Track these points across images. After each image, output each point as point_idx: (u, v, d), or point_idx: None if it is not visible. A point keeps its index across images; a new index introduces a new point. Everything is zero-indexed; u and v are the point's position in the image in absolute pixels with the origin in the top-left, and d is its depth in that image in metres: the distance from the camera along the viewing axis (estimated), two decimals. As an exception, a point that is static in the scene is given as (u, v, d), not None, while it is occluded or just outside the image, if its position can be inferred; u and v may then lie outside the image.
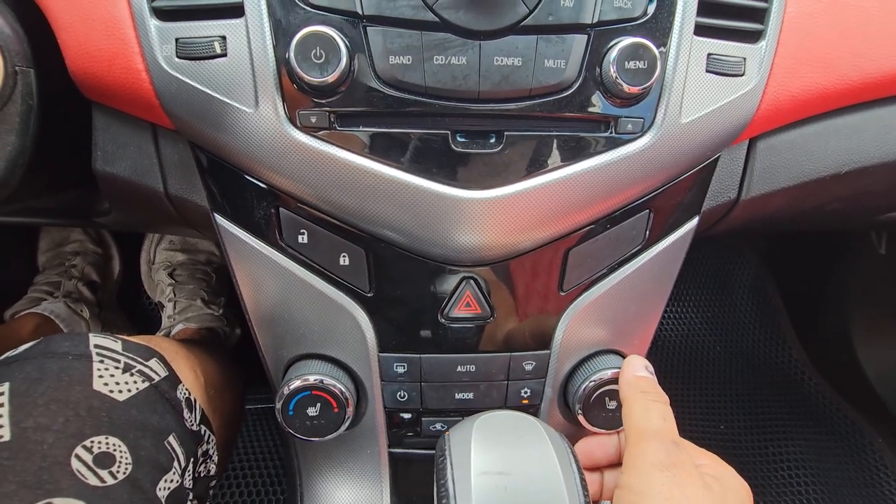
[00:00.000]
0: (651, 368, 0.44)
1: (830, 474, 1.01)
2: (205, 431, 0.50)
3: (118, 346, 0.44)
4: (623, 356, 0.49)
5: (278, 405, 0.44)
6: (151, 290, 1.14)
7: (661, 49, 0.37)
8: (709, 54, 0.39)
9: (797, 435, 1.07)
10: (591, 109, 0.38)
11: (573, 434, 0.52)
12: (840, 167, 0.48)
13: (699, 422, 1.08)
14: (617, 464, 0.46)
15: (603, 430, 0.48)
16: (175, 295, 1.08)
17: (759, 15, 0.40)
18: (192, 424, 0.47)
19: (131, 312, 1.19)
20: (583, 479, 0.28)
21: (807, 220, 0.61)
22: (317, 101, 0.36)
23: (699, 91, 0.39)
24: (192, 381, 0.50)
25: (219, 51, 0.36)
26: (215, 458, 0.52)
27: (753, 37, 0.40)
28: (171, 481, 0.42)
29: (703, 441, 1.04)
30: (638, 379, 0.42)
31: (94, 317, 1.08)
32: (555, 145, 0.38)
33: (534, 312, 0.45)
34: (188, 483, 0.45)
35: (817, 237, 1.16)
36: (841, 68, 0.43)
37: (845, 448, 1.05)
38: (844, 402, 1.12)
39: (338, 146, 0.37)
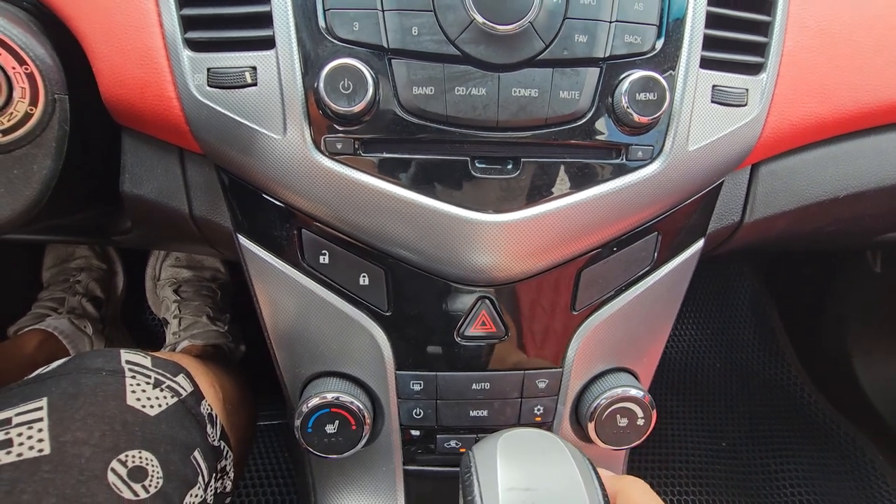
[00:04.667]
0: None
1: (832, 492, 1.01)
2: (224, 447, 0.50)
3: (148, 361, 0.45)
4: (633, 374, 0.50)
5: (297, 422, 0.44)
6: (156, 306, 1.14)
7: (670, 81, 0.39)
8: (714, 86, 0.41)
9: (799, 452, 1.07)
10: (603, 138, 0.40)
11: (585, 452, 0.53)
12: (838, 192, 0.50)
13: (702, 438, 1.09)
14: None
15: (613, 447, 0.49)
16: (180, 311, 1.08)
17: (760, 49, 0.43)
18: (214, 440, 0.48)
19: (134, 328, 1.18)
20: (605, 496, 0.29)
21: (807, 241, 0.63)
22: (342, 128, 0.38)
23: (705, 120, 0.41)
24: (212, 397, 0.51)
25: (249, 80, 0.38)
26: (231, 474, 0.53)
27: (755, 69, 0.43)
28: (196, 496, 0.42)
29: (706, 457, 1.05)
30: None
31: (98, 333, 1.08)
32: (569, 171, 0.40)
33: (547, 331, 0.46)
34: (210, 499, 0.46)
35: (814, 255, 1.18)
36: (837, 98, 0.45)
37: (846, 466, 1.06)
38: (844, 419, 1.13)
39: (361, 171, 0.39)
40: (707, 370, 1.20)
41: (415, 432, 0.49)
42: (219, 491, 0.50)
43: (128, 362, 0.43)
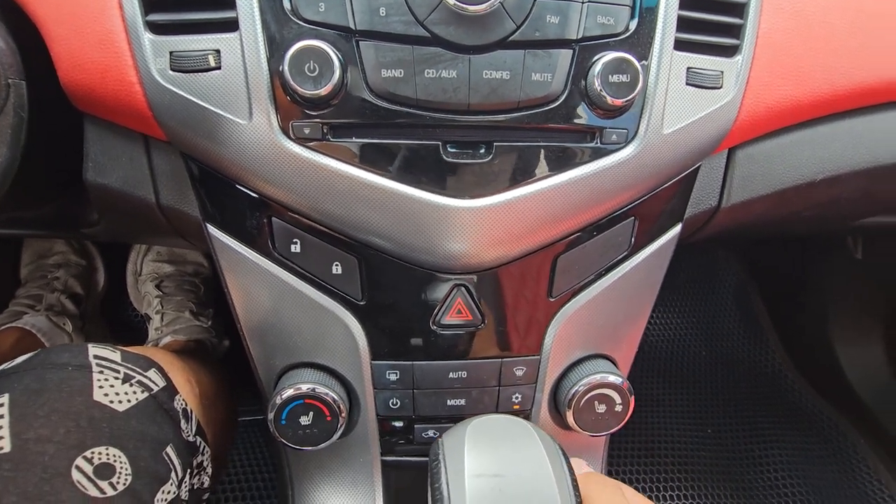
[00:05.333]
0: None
1: (815, 476, 1.02)
2: (200, 443, 0.50)
3: (117, 356, 0.44)
4: (612, 361, 0.50)
5: (270, 415, 0.44)
6: (138, 302, 1.12)
7: (643, 63, 0.39)
8: (688, 68, 0.41)
9: (782, 437, 1.08)
10: (576, 121, 0.39)
11: (564, 439, 0.53)
12: (815, 175, 0.50)
13: (687, 425, 1.09)
14: None
15: (591, 434, 0.49)
16: (163, 307, 1.07)
17: (735, 30, 0.42)
18: (189, 435, 0.47)
19: (115, 324, 1.17)
20: (574, 481, 0.28)
21: (786, 226, 0.63)
22: (310, 112, 0.37)
23: (680, 103, 0.41)
24: (187, 392, 0.50)
25: (213, 64, 0.37)
26: (209, 470, 0.52)
27: (730, 51, 0.42)
28: (169, 493, 0.42)
29: (691, 444, 1.06)
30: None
31: (77, 330, 1.06)
32: (542, 155, 0.40)
33: (524, 318, 0.46)
34: (184, 495, 0.45)
35: (797, 244, 1.19)
36: (813, 81, 0.45)
37: (829, 450, 1.07)
38: (827, 404, 1.14)
39: (330, 157, 0.38)
40: (692, 358, 1.21)
41: (392, 423, 0.48)
42: (196, 487, 0.50)
43: (96, 357, 0.42)
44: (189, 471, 0.46)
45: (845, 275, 1.11)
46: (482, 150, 0.39)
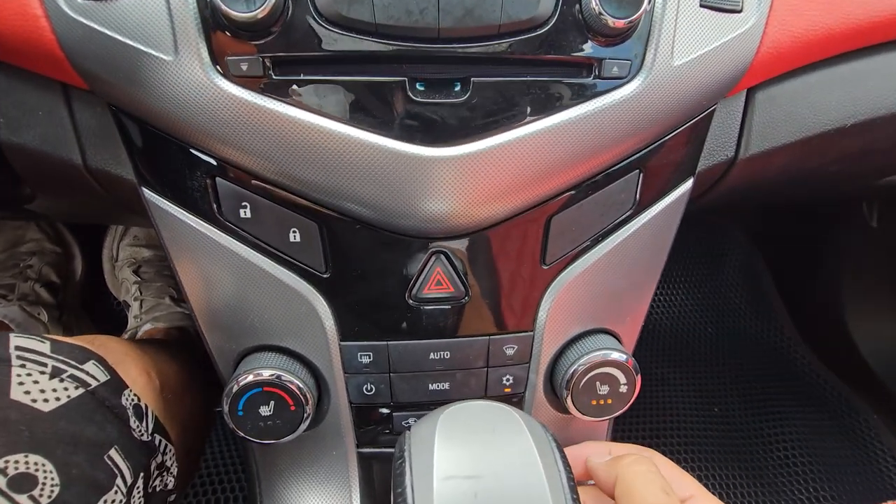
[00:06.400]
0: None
1: (827, 453, 0.99)
2: (160, 441, 0.45)
3: (45, 347, 0.39)
4: (615, 336, 0.45)
5: (226, 405, 0.38)
6: (116, 289, 1.08)
7: (649, -24, 0.32)
8: (703, -14, 0.34)
9: (792, 414, 1.05)
10: (570, 50, 0.33)
11: (563, 425, 0.47)
12: (845, 120, 0.43)
13: (694, 404, 1.06)
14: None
15: (594, 419, 0.43)
16: (141, 293, 1.03)
17: (758, -58, 0.36)
18: (143, 434, 0.42)
19: (98, 313, 1.12)
20: (570, 479, 0.23)
21: (805, 185, 0.57)
22: (248, 44, 0.31)
23: (693, 28, 0.35)
24: (143, 385, 0.45)
25: (128, -13, 0.30)
26: (174, 469, 0.47)
27: (752, -33, 0.36)
28: (113, 501, 0.37)
29: (698, 424, 1.01)
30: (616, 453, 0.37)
31: (54, 320, 1.02)
32: (530, 93, 0.33)
33: (514, 289, 0.40)
34: (137, 501, 0.40)
35: (807, 215, 1.13)
36: (846, 5, 0.39)
37: (841, 426, 1.04)
38: (838, 379, 1.10)
39: (275, 98, 0.32)
40: (698, 336, 1.17)
41: (368, 411, 0.43)
42: (158, 489, 0.45)
43: (18, 348, 0.37)
44: (144, 473, 0.41)
45: (859, 245, 1.05)
46: (457, 88, 0.33)
